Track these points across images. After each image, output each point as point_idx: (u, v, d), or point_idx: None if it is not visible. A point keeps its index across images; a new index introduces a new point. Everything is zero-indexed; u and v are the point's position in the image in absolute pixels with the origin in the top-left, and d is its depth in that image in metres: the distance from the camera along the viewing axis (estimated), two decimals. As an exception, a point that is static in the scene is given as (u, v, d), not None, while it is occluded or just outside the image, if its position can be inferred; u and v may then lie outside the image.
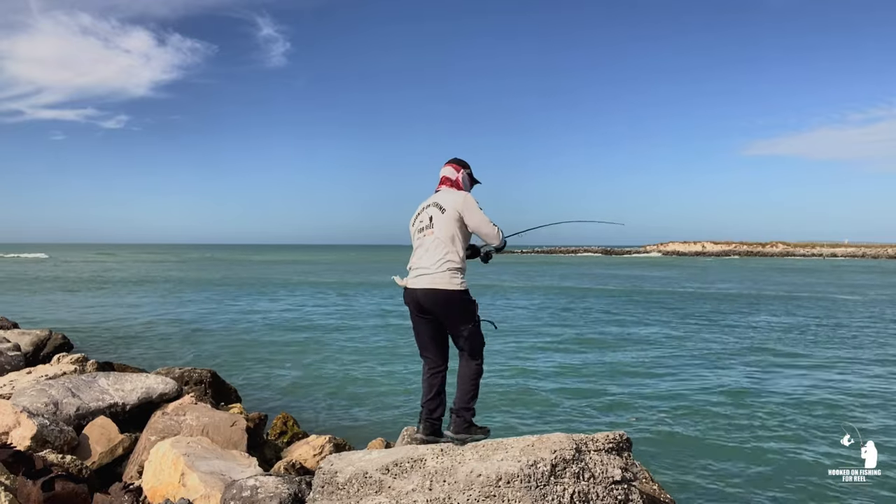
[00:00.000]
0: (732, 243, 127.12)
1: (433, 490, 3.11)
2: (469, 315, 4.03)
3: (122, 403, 6.14)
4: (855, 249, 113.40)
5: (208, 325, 19.58)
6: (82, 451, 5.33)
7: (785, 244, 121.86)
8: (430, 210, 4.12)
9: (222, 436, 5.48)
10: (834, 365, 13.45)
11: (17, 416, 5.24)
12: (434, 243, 4.01)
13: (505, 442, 3.46)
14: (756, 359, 14.19)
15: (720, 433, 8.68)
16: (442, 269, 3.95)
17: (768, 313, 23.50)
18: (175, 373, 7.86)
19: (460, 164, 4.33)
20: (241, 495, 3.82)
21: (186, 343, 16.24)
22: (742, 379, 12.03)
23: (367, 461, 3.38)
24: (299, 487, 3.89)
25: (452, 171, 4.29)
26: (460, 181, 4.27)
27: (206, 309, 24.34)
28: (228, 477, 4.25)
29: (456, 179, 4.27)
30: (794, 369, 12.98)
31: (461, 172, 4.29)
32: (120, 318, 20.94)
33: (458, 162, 4.34)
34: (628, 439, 3.62)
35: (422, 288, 3.98)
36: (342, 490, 3.24)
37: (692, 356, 14.53)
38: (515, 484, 3.08)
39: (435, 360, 4.21)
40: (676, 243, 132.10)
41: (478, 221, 4.04)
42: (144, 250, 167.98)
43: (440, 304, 3.97)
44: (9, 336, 11.04)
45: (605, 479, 3.28)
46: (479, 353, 4.13)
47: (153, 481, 4.46)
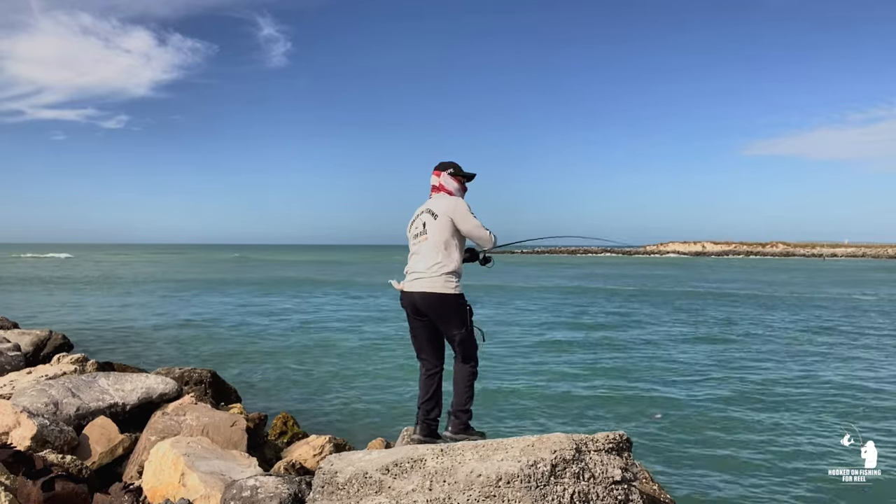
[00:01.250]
0: (732, 243, 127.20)
1: (433, 490, 3.11)
2: (462, 319, 4.07)
3: (122, 403, 6.14)
4: (855, 249, 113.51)
5: (208, 325, 19.58)
6: (82, 451, 5.33)
7: (785, 244, 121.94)
8: (423, 217, 4.19)
9: (222, 436, 5.48)
10: (834, 365, 13.45)
11: (17, 416, 5.24)
12: (428, 249, 4.09)
13: (505, 442, 3.46)
14: (756, 359, 14.19)
15: (720, 433, 8.68)
16: (437, 273, 4.02)
17: (768, 313, 23.50)
18: (175, 373, 7.86)
19: (440, 167, 4.33)
20: (241, 495, 3.82)
21: (186, 343, 16.24)
22: (742, 379, 12.04)
23: (367, 461, 3.38)
24: (299, 487, 3.89)
25: (434, 177, 4.33)
26: (444, 185, 4.28)
27: (205, 309, 24.35)
28: (228, 477, 4.25)
29: (440, 185, 4.29)
30: (794, 369, 12.98)
31: (441, 176, 4.29)
32: (120, 318, 20.94)
33: (439, 166, 4.34)
34: (628, 439, 3.62)
35: (418, 291, 4.06)
36: (342, 490, 3.24)
37: (692, 356, 14.53)
38: (515, 484, 3.08)
39: (431, 361, 4.26)
40: (676, 243, 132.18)
41: (470, 227, 4.10)
42: (144, 250, 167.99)
43: (435, 308, 4.04)
44: (9, 336, 11.03)
45: (605, 479, 3.28)
46: (471, 356, 4.18)
47: (153, 481, 4.46)
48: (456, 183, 4.31)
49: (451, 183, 4.29)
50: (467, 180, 4.38)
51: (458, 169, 4.32)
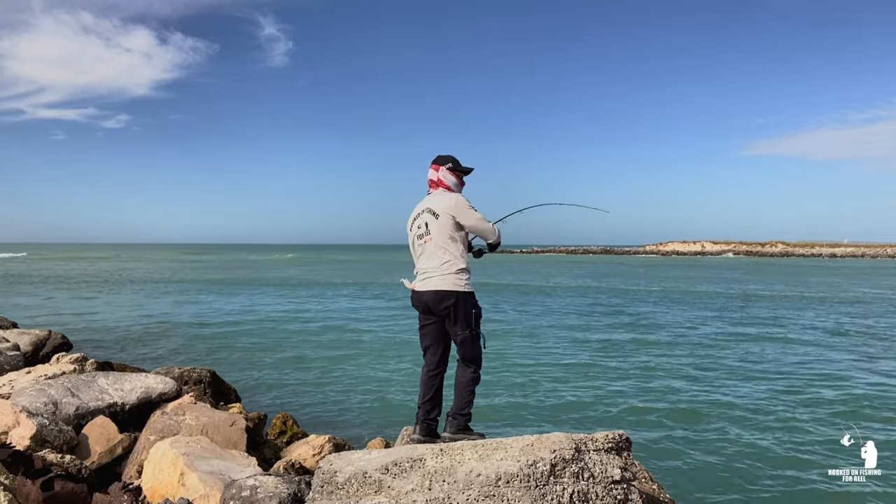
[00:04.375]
0: (732, 243, 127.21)
1: (433, 490, 3.11)
2: (468, 321, 4.09)
3: (121, 403, 6.14)
4: (854, 249, 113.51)
5: (208, 325, 19.57)
6: (82, 450, 5.33)
7: (784, 244, 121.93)
8: (424, 216, 4.18)
9: (222, 435, 5.48)
10: (834, 364, 13.45)
11: (16, 415, 5.23)
12: (434, 249, 4.11)
13: (504, 441, 3.46)
14: (756, 359, 14.19)
15: (720, 433, 8.68)
16: (448, 271, 4.05)
17: (768, 313, 23.50)
18: (174, 372, 7.86)
19: (439, 161, 4.31)
20: (240, 495, 3.81)
21: (186, 342, 16.23)
22: (742, 379, 12.04)
23: (367, 461, 3.38)
24: (299, 487, 3.89)
25: (432, 171, 4.31)
26: (442, 180, 4.27)
27: (205, 308, 24.34)
28: (228, 477, 4.25)
29: (438, 179, 4.28)
30: (794, 369, 12.98)
31: (440, 170, 4.28)
32: (119, 318, 20.93)
33: (437, 160, 4.32)
34: (628, 439, 3.62)
35: (430, 290, 4.09)
36: (341, 490, 3.24)
37: (691, 356, 14.53)
38: (515, 484, 3.08)
39: (435, 361, 4.28)
40: (676, 243, 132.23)
41: (473, 222, 4.12)
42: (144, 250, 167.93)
43: (446, 305, 4.05)
44: (8, 336, 11.02)
45: (604, 478, 3.27)
46: (474, 361, 4.19)
47: (152, 481, 4.45)
48: (454, 178, 4.30)
49: (449, 178, 4.28)
50: (465, 174, 4.38)
51: (457, 164, 4.31)
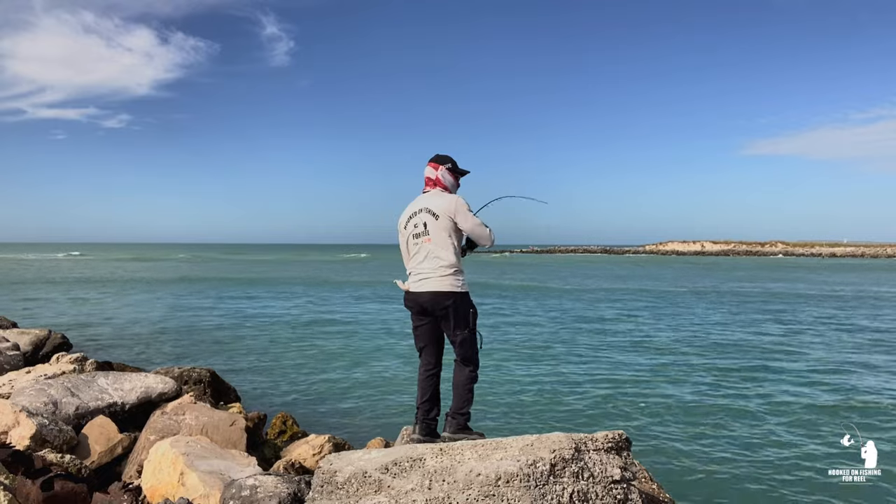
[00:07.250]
0: (732, 242, 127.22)
1: (432, 489, 3.11)
2: (466, 320, 4.09)
3: (121, 403, 6.13)
4: (854, 249, 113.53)
5: (208, 325, 19.57)
6: (81, 450, 5.33)
7: (784, 244, 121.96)
8: (422, 216, 4.15)
9: (221, 435, 5.48)
10: (833, 364, 13.45)
11: (16, 415, 5.23)
12: (432, 249, 4.08)
13: (504, 441, 3.45)
14: (756, 358, 14.19)
15: (720, 433, 8.68)
16: (445, 272, 4.03)
17: (768, 312, 23.50)
18: (174, 372, 7.86)
19: (438, 160, 4.30)
20: (240, 494, 3.81)
21: (185, 342, 16.23)
22: (742, 379, 12.04)
23: (367, 461, 3.38)
24: (298, 487, 3.89)
25: (431, 170, 4.28)
26: (441, 179, 4.26)
27: (205, 308, 24.33)
28: (228, 476, 4.25)
29: (436, 178, 4.26)
30: (794, 369, 12.98)
31: (440, 170, 4.27)
32: (119, 318, 20.93)
33: (437, 159, 4.31)
34: (627, 439, 3.61)
35: (426, 291, 4.06)
36: (341, 489, 3.24)
37: (691, 356, 14.53)
38: (515, 483, 3.08)
39: (431, 361, 4.27)
40: (675, 242, 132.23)
41: (471, 225, 4.10)
42: (144, 250, 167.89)
43: (443, 306, 4.04)
44: (8, 335, 11.02)
45: (604, 478, 3.27)
46: (471, 359, 4.18)
47: (152, 481, 4.45)
48: (452, 178, 4.30)
49: (448, 178, 4.27)
50: (462, 176, 4.38)
51: (456, 165, 4.31)
